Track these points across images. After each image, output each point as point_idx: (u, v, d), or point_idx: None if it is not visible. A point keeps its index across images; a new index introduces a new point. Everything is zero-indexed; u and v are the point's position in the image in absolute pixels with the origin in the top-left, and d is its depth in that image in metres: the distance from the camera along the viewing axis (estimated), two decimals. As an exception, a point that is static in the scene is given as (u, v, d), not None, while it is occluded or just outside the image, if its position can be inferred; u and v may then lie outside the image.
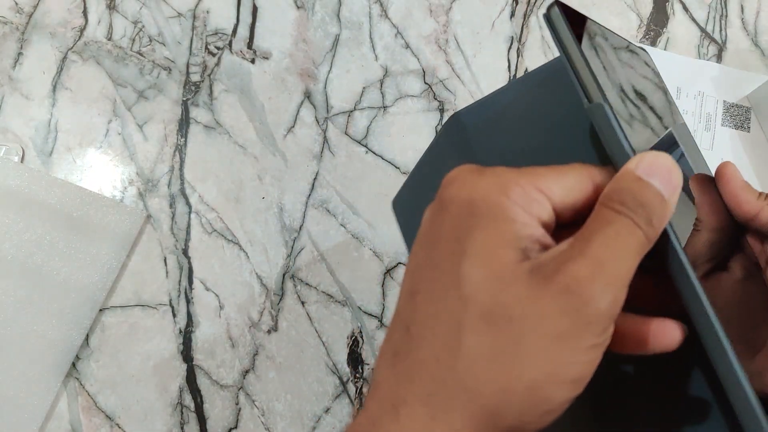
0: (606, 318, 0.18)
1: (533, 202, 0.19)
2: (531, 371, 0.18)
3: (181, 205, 0.55)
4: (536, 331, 0.18)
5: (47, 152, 0.55)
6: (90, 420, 0.50)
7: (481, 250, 0.19)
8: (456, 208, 0.20)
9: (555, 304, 0.18)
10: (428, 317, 0.20)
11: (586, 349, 0.18)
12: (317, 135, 0.58)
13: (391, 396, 0.19)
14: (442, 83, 0.60)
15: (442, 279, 0.20)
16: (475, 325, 0.18)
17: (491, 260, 0.19)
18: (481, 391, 0.18)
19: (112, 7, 0.60)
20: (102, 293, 0.52)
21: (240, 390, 0.51)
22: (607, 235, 0.18)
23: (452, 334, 0.19)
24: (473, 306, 0.19)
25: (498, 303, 0.18)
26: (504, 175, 0.20)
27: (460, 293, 0.19)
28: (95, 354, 0.51)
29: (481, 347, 0.18)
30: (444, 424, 0.18)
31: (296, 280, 0.54)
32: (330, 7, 0.62)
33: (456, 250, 0.20)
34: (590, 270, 0.18)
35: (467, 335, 0.18)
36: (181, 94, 0.58)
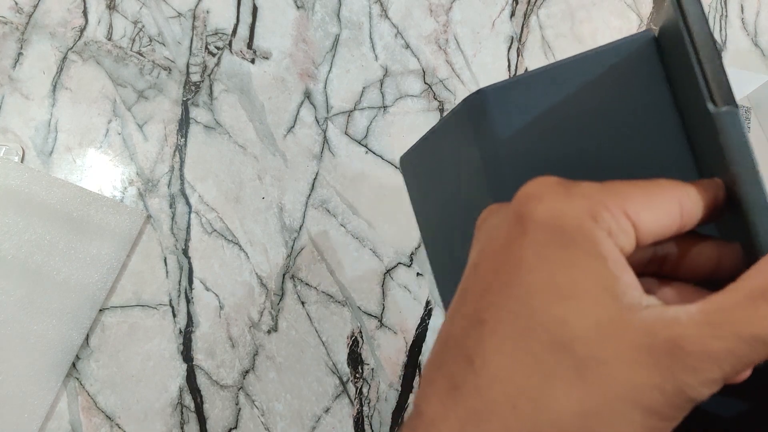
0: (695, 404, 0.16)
1: (621, 232, 0.17)
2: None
3: (181, 205, 0.55)
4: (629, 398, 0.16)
5: (47, 152, 0.55)
6: (90, 420, 0.50)
7: (582, 294, 0.17)
8: (541, 233, 0.18)
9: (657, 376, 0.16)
10: (503, 355, 0.17)
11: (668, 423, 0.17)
12: (317, 135, 0.58)
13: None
14: (442, 83, 0.60)
15: (527, 316, 0.17)
16: (568, 377, 0.17)
17: (593, 308, 0.17)
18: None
19: (112, 7, 0.60)
20: (102, 293, 0.52)
21: (240, 390, 0.51)
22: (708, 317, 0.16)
23: (536, 383, 0.17)
24: (568, 355, 0.17)
25: (597, 358, 0.16)
26: (593, 197, 0.18)
27: (552, 338, 0.17)
28: (95, 354, 0.51)
29: (570, 402, 0.17)
30: None
31: (296, 280, 0.54)
32: (330, 7, 0.62)
33: (548, 287, 0.17)
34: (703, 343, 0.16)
35: (557, 387, 0.17)
36: (181, 94, 0.58)
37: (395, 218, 0.56)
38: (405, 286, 0.55)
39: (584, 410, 0.16)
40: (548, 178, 0.19)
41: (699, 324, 0.16)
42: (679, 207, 0.18)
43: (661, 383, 0.16)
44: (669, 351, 0.16)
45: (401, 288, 0.55)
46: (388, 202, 0.57)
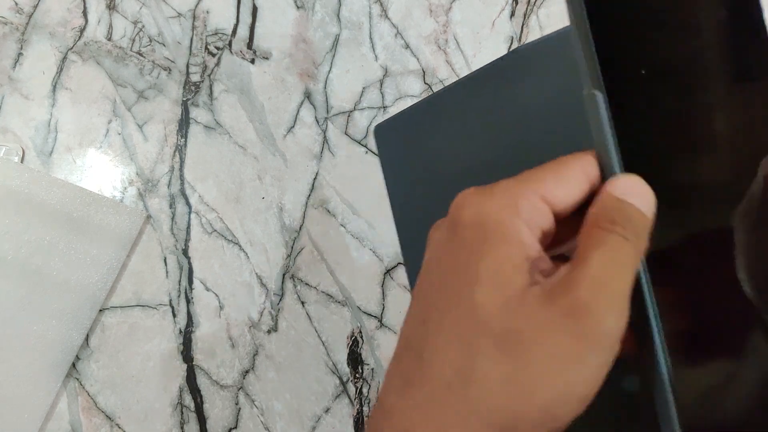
0: (613, 336, 0.19)
1: (539, 215, 0.20)
2: (543, 394, 0.18)
3: (181, 205, 0.55)
4: (547, 355, 0.18)
5: (47, 152, 0.55)
6: (90, 420, 0.50)
7: (494, 276, 0.19)
8: (468, 232, 0.20)
9: (564, 328, 0.18)
10: (441, 345, 0.20)
11: (596, 368, 0.19)
12: (317, 135, 0.58)
13: (403, 425, 0.19)
14: (442, 83, 0.60)
15: (455, 306, 0.20)
16: (489, 351, 0.19)
17: (503, 286, 0.19)
18: (494, 418, 0.19)
19: (112, 7, 0.60)
20: (102, 293, 0.52)
21: (240, 390, 0.51)
22: (603, 254, 0.19)
23: (465, 361, 0.19)
24: (487, 332, 0.19)
25: (510, 329, 0.19)
26: (511, 190, 0.20)
27: (473, 320, 0.19)
28: (95, 354, 0.51)
29: (494, 373, 0.19)
30: None
31: (296, 280, 0.54)
32: (330, 7, 0.62)
33: (469, 276, 0.20)
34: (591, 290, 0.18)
35: (480, 361, 0.19)
36: (181, 94, 0.58)
37: (395, 218, 0.56)
38: (405, 286, 0.55)
39: (509, 378, 0.18)
40: (472, 188, 0.21)
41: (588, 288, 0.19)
42: (584, 174, 0.21)
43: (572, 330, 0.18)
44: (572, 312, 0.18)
45: (401, 288, 0.55)
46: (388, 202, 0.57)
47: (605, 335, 0.18)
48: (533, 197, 0.20)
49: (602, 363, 0.19)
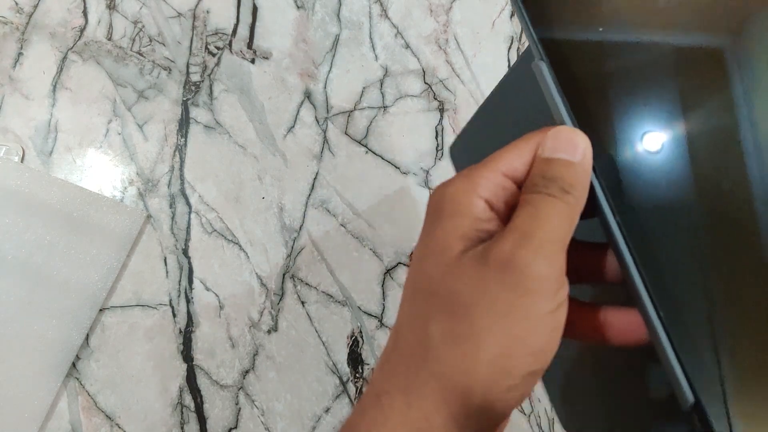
0: (546, 282, 0.19)
1: (500, 189, 0.21)
2: (489, 349, 0.19)
3: (181, 205, 0.55)
4: (487, 311, 0.19)
5: (47, 152, 0.55)
6: (90, 420, 0.50)
7: (437, 247, 0.21)
8: (430, 213, 0.23)
9: (496, 282, 0.19)
10: (409, 318, 0.22)
11: (540, 318, 0.19)
12: (317, 135, 0.58)
13: (376, 389, 0.21)
14: (442, 83, 0.60)
15: (414, 279, 0.22)
16: (437, 316, 0.20)
17: (444, 254, 0.21)
18: (447, 376, 0.20)
19: (112, 7, 0.60)
20: (102, 293, 0.52)
21: (240, 390, 0.51)
22: (528, 212, 0.20)
23: (422, 329, 0.21)
24: (434, 299, 0.21)
25: (452, 291, 0.20)
26: (472, 172, 0.22)
27: (424, 289, 0.21)
28: (95, 354, 0.51)
29: (443, 335, 0.20)
30: (418, 410, 0.20)
31: (296, 280, 0.54)
32: (330, 7, 0.62)
33: (422, 250, 0.22)
34: (517, 242, 0.19)
35: (431, 327, 0.20)
36: (181, 94, 0.58)
37: (395, 218, 0.56)
38: (405, 286, 0.55)
39: (456, 337, 0.20)
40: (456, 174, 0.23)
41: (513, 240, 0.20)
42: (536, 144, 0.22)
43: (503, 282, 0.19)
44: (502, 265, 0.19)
45: (401, 288, 0.55)
46: (388, 202, 0.57)
47: (536, 280, 0.19)
48: (493, 174, 0.21)
49: (544, 309, 0.19)
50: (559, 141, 0.21)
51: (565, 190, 0.20)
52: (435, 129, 0.59)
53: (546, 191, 0.20)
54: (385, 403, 0.21)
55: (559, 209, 0.20)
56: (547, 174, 0.21)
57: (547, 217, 0.20)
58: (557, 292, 0.20)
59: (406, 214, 0.56)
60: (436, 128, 0.59)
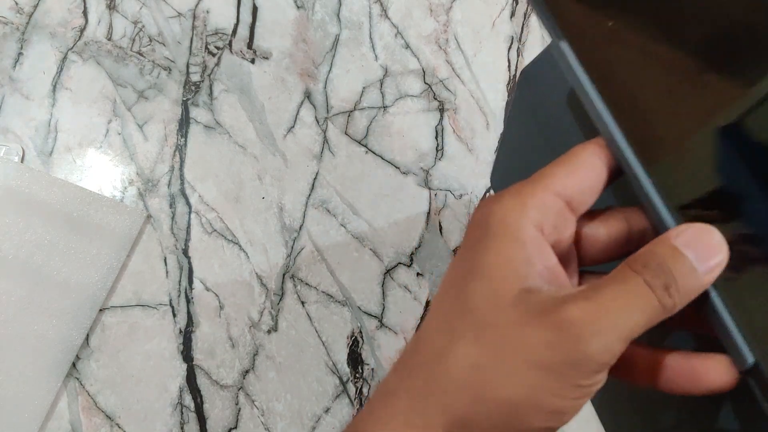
0: (594, 363, 0.18)
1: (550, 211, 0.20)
2: (507, 390, 0.19)
3: (181, 205, 0.55)
4: (520, 356, 0.19)
5: (47, 152, 0.55)
6: (90, 420, 0.50)
7: (488, 270, 0.20)
8: (474, 232, 0.21)
9: (544, 336, 0.18)
10: (434, 328, 0.21)
11: (570, 388, 0.18)
12: (317, 135, 0.58)
13: (387, 388, 0.21)
14: (442, 83, 0.60)
15: (451, 296, 0.21)
16: (467, 336, 0.20)
17: (496, 281, 0.20)
18: (456, 396, 0.19)
19: (112, 7, 0.60)
20: (102, 293, 0.52)
21: (240, 390, 0.51)
22: (617, 289, 0.18)
23: (446, 343, 0.20)
24: (470, 321, 0.20)
25: (491, 322, 0.19)
26: (521, 191, 0.20)
27: (462, 308, 0.20)
28: (95, 354, 0.51)
29: (467, 357, 0.19)
30: (420, 416, 0.20)
31: (296, 280, 0.54)
32: (330, 7, 0.62)
33: (466, 270, 0.21)
34: (587, 314, 0.18)
35: (458, 344, 0.20)
36: (181, 94, 0.58)
37: (395, 218, 0.56)
38: (405, 286, 0.55)
39: (479, 365, 0.19)
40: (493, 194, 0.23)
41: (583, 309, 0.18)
42: (595, 158, 0.21)
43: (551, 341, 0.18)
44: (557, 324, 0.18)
45: (401, 288, 0.55)
46: (388, 202, 0.57)
47: (586, 358, 0.18)
48: (543, 194, 0.20)
49: (578, 385, 0.18)
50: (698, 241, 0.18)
51: (669, 289, 0.18)
52: (435, 129, 0.59)
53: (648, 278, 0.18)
54: (391, 401, 0.21)
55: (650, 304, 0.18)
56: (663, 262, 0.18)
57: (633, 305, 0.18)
58: (599, 375, 0.19)
59: (406, 214, 0.56)
60: (436, 128, 0.59)
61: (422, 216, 0.56)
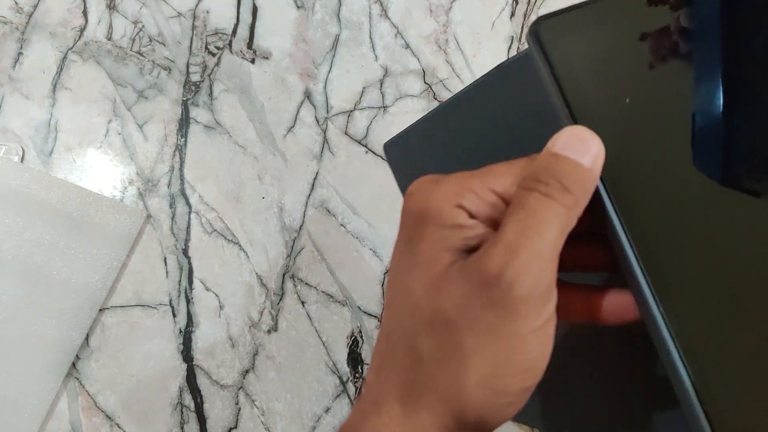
0: (533, 301, 0.18)
1: (486, 204, 0.20)
2: (478, 369, 0.19)
3: (181, 205, 0.55)
4: (472, 331, 0.19)
5: (47, 152, 0.55)
6: (90, 420, 0.50)
7: (423, 259, 0.20)
8: (411, 220, 0.21)
9: (481, 301, 0.18)
10: (397, 326, 0.21)
11: (528, 336, 0.19)
12: (317, 135, 0.58)
13: (375, 395, 0.21)
14: (442, 83, 0.60)
15: (400, 290, 0.21)
16: (424, 332, 0.20)
17: (430, 267, 0.20)
18: (441, 393, 0.19)
19: (112, 7, 0.60)
20: (102, 293, 0.52)
21: (240, 390, 0.51)
22: (519, 219, 0.19)
23: (411, 342, 0.20)
24: (420, 314, 0.20)
25: (437, 310, 0.20)
26: (460, 181, 0.20)
27: (410, 303, 0.20)
28: (95, 354, 0.51)
29: (432, 353, 0.20)
30: (415, 420, 0.20)
31: (296, 280, 0.54)
32: (330, 7, 0.62)
33: (406, 261, 0.21)
34: (503, 258, 0.18)
35: (420, 342, 0.20)
36: (181, 94, 0.58)
37: (395, 218, 0.56)
38: (405, 286, 0.55)
39: (445, 356, 0.19)
40: (426, 176, 0.22)
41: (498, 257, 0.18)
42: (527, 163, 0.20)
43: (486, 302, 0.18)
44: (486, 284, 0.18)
45: (401, 288, 0.55)
46: (388, 202, 0.57)
47: (522, 301, 0.18)
48: (481, 188, 0.20)
49: (532, 327, 0.18)
50: (572, 139, 0.19)
51: (567, 188, 0.18)
52: (435, 129, 0.59)
53: (544, 189, 0.19)
54: (384, 409, 0.20)
55: (554, 213, 0.18)
56: (552, 168, 0.19)
57: (539, 226, 0.18)
58: (545, 307, 0.19)
59: (406, 214, 0.56)
60: (436, 128, 0.59)
61: (422, 216, 0.56)
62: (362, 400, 0.22)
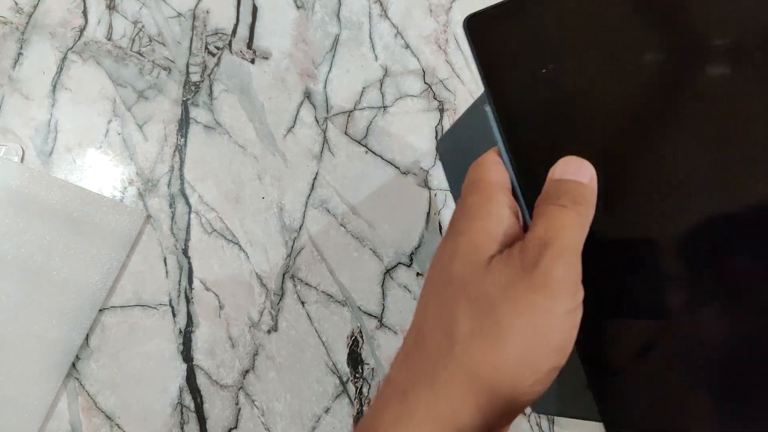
0: (566, 284, 0.21)
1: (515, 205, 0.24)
2: (515, 345, 0.21)
3: (181, 205, 0.55)
4: (513, 310, 0.21)
5: (47, 152, 0.55)
6: (90, 420, 0.50)
7: (468, 247, 0.23)
8: (455, 221, 0.24)
9: (522, 284, 0.21)
10: (434, 316, 0.23)
11: (561, 317, 0.21)
12: (317, 135, 0.58)
13: (401, 385, 0.22)
14: (442, 83, 0.60)
15: (442, 278, 0.23)
16: (465, 312, 0.22)
17: (475, 255, 0.22)
18: (477, 370, 0.21)
19: (112, 7, 0.60)
20: (102, 293, 0.52)
21: (240, 390, 0.51)
22: (545, 222, 0.22)
23: (449, 324, 0.22)
24: (462, 296, 0.22)
25: (480, 292, 0.22)
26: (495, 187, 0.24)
27: (452, 288, 0.22)
28: (95, 354, 0.51)
29: (472, 332, 0.21)
30: (446, 402, 0.21)
31: (296, 280, 0.54)
32: (330, 7, 0.62)
33: (452, 250, 0.23)
34: (539, 249, 0.21)
35: (460, 322, 0.22)
36: (181, 94, 0.58)
37: (395, 218, 0.56)
38: (405, 286, 0.55)
39: (484, 335, 0.21)
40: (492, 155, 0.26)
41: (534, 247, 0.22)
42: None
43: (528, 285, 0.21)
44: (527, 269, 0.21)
45: (401, 288, 0.55)
46: (388, 202, 0.57)
47: (557, 283, 0.21)
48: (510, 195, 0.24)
49: (564, 309, 0.21)
50: (569, 166, 0.23)
51: (577, 201, 0.22)
52: (435, 129, 0.59)
53: (559, 203, 0.22)
54: (411, 396, 0.21)
55: (572, 219, 0.22)
56: (559, 189, 0.23)
57: (562, 227, 0.22)
58: (575, 294, 0.21)
59: (406, 214, 0.56)
60: (436, 128, 0.59)
61: (422, 216, 0.56)
62: (381, 395, 0.23)
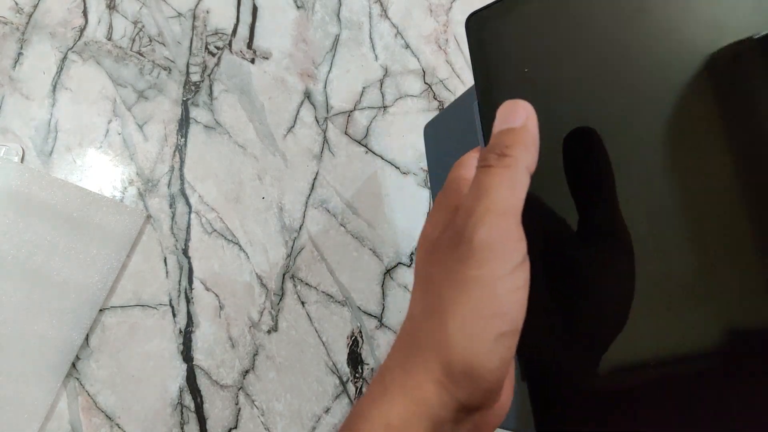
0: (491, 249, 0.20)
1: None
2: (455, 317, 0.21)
3: (181, 205, 0.55)
4: (451, 283, 0.21)
5: (47, 152, 0.55)
6: (90, 420, 0.50)
7: (422, 235, 0.24)
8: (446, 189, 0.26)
9: (453, 257, 0.21)
10: (410, 305, 0.24)
11: (495, 282, 0.20)
12: (317, 135, 0.58)
13: (383, 368, 0.23)
14: (442, 83, 0.60)
15: (414, 271, 0.25)
16: (417, 294, 0.23)
17: (425, 242, 0.23)
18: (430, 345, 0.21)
19: (112, 7, 0.60)
20: (102, 293, 0.52)
21: (240, 390, 0.51)
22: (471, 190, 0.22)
23: (412, 311, 0.23)
24: (417, 280, 0.23)
25: (427, 272, 0.23)
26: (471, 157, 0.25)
27: (416, 277, 0.24)
28: (95, 354, 0.51)
29: (423, 311, 0.22)
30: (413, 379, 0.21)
31: (296, 280, 0.54)
32: (330, 7, 0.62)
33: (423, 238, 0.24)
34: (462, 219, 0.21)
35: (416, 308, 0.23)
36: (181, 94, 0.58)
37: (395, 218, 0.56)
38: (405, 286, 0.55)
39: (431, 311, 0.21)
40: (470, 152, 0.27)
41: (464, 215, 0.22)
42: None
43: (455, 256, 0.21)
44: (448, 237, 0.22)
45: (401, 288, 0.55)
46: (388, 202, 0.57)
47: (480, 249, 0.20)
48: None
49: (497, 273, 0.20)
50: (501, 114, 0.22)
51: (503, 153, 0.21)
52: (435, 129, 0.59)
53: (483, 164, 0.21)
54: (387, 377, 0.22)
55: (496, 178, 0.21)
56: (492, 144, 0.22)
57: (485, 190, 0.21)
58: (510, 255, 0.20)
59: (406, 214, 0.56)
60: (436, 128, 0.59)
61: (422, 216, 0.56)
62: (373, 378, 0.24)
